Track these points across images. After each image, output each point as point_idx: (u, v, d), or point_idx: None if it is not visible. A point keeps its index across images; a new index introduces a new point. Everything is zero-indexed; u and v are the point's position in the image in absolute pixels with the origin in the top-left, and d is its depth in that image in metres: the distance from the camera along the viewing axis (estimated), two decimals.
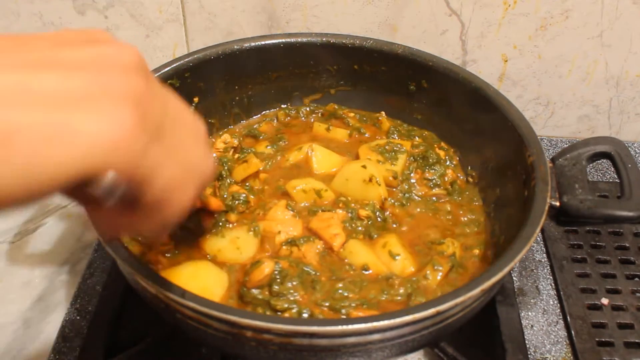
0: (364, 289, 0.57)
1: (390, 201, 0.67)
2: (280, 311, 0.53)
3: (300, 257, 0.59)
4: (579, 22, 0.83)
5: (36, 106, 0.27)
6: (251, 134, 0.78)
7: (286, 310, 0.53)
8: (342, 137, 0.76)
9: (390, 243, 0.61)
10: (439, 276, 0.59)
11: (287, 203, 0.64)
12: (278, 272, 0.56)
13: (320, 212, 0.64)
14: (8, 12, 0.86)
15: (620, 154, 0.61)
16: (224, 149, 0.72)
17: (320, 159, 0.71)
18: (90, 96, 0.29)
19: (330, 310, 0.55)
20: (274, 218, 0.63)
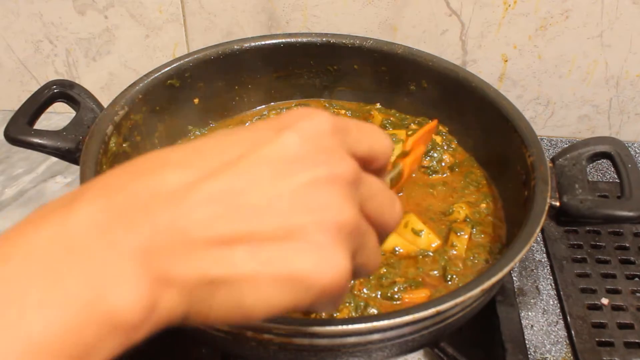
0: (402, 268, 0.59)
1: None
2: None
3: None
4: (579, 22, 0.83)
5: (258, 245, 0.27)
6: None
7: (344, 305, 0.54)
8: None
9: (412, 221, 0.63)
10: (465, 241, 0.62)
11: None
12: None
13: None
14: (8, 12, 0.86)
15: (620, 154, 0.61)
16: None
17: None
18: (305, 233, 0.27)
19: (383, 299, 0.56)
20: None
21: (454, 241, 0.62)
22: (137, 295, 0.25)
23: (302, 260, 0.27)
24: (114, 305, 0.24)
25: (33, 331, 0.23)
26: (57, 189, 0.84)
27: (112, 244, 0.25)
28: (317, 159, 0.29)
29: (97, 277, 0.24)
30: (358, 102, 0.81)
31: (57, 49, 0.90)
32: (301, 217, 0.27)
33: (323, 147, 0.29)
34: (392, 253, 0.61)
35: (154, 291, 0.25)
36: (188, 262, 0.26)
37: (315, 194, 0.28)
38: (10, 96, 0.95)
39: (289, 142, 0.29)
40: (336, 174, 0.29)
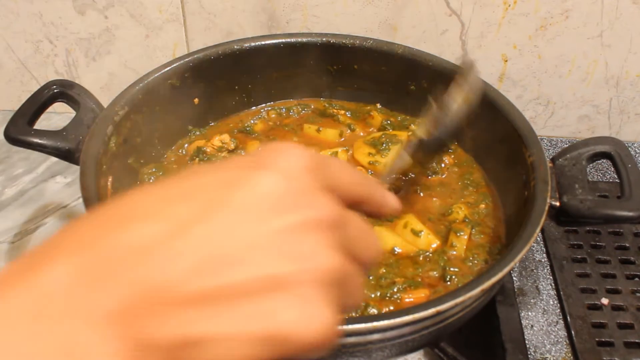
0: (401, 268, 0.59)
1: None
2: None
3: None
4: (579, 22, 0.83)
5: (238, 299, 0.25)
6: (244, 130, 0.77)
7: None
8: (333, 137, 0.76)
9: (411, 222, 0.63)
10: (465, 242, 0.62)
11: None
12: None
13: None
14: (8, 12, 0.86)
15: (620, 154, 0.61)
16: (218, 147, 0.72)
17: None
18: (287, 285, 0.25)
19: (382, 299, 0.56)
20: None
21: (453, 241, 0.62)
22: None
23: (285, 316, 0.25)
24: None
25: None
26: (57, 189, 0.84)
27: (85, 310, 0.23)
28: (297, 201, 0.27)
29: (68, 346, 0.22)
30: (358, 102, 0.81)
31: (57, 49, 0.90)
32: (282, 266, 0.25)
33: (303, 188, 0.27)
34: (391, 253, 0.61)
35: (133, 357, 0.24)
36: (168, 323, 0.24)
37: (297, 241, 0.26)
38: (10, 96, 0.95)
39: (265, 183, 0.26)
40: (318, 217, 0.27)
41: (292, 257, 0.25)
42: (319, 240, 0.26)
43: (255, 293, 0.25)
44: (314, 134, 0.77)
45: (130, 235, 0.25)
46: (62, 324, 0.23)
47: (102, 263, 0.24)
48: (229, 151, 0.72)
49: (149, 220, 0.25)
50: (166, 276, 0.24)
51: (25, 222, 0.79)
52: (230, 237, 0.25)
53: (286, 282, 0.25)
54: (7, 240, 0.77)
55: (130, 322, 0.24)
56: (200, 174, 0.28)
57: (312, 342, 0.26)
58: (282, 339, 0.25)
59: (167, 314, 0.24)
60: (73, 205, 0.82)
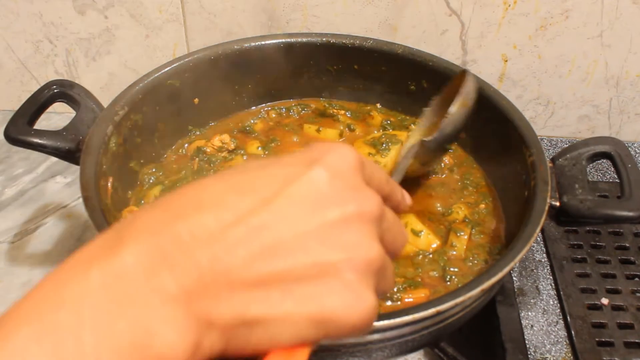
0: (401, 268, 0.59)
1: None
2: None
3: None
4: (579, 22, 0.83)
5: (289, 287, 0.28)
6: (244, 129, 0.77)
7: None
8: (333, 137, 0.76)
9: (411, 222, 0.63)
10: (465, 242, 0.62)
11: None
12: None
13: None
14: (8, 12, 0.86)
15: (620, 154, 0.61)
16: (218, 147, 0.71)
17: None
18: (336, 271, 0.28)
19: (382, 299, 0.56)
20: None
21: (453, 241, 0.62)
22: (183, 338, 0.26)
23: (334, 300, 0.28)
24: (162, 348, 0.25)
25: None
26: (57, 189, 0.84)
27: (158, 288, 0.26)
28: (346, 195, 0.30)
29: (145, 321, 0.25)
30: (358, 102, 0.81)
31: (57, 49, 0.90)
32: (332, 254, 0.28)
33: (350, 183, 0.30)
34: None
35: (197, 333, 0.26)
36: (228, 304, 0.27)
37: (345, 232, 0.29)
38: (10, 96, 0.95)
39: (318, 178, 0.29)
40: (364, 211, 0.30)
41: (340, 246, 0.28)
42: (363, 232, 0.29)
43: (306, 278, 0.28)
44: (313, 134, 0.77)
45: (195, 222, 0.27)
46: (141, 301, 0.25)
47: (171, 248, 0.26)
48: (229, 151, 0.72)
49: (212, 209, 0.28)
50: (228, 261, 0.27)
51: (25, 222, 0.79)
52: (286, 227, 0.28)
53: (334, 269, 0.28)
54: (7, 240, 0.77)
55: (198, 301, 0.26)
56: (258, 168, 0.30)
57: (356, 324, 0.29)
58: (330, 320, 0.28)
59: (229, 295, 0.27)
60: (73, 205, 0.82)
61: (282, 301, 0.28)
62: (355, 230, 0.29)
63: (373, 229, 0.30)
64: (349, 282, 0.28)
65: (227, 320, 0.27)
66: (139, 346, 0.25)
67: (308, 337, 0.29)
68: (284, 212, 0.28)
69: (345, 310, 0.28)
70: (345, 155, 0.31)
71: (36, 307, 0.25)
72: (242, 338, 0.28)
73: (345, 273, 0.28)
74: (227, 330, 0.27)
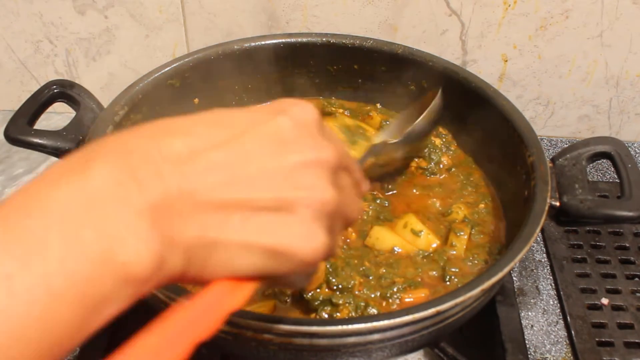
0: (401, 268, 0.59)
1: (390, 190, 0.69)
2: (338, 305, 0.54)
3: None
4: (579, 22, 0.83)
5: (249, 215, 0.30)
6: None
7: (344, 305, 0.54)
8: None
9: (411, 222, 0.63)
10: (464, 242, 0.62)
11: None
12: (330, 266, 0.56)
13: None
14: (8, 12, 0.86)
15: (620, 154, 0.61)
16: None
17: None
18: (293, 208, 0.31)
19: (382, 299, 0.56)
20: None
21: (453, 241, 0.62)
22: (149, 251, 0.27)
23: (289, 234, 0.31)
24: (128, 259, 0.26)
25: (54, 283, 0.24)
26: None
27: (126, 201, 0.27)
28: (307, 143, 0.32)
29: (113, 232, 0.26)
30: (358, 102, 0.81)
31: (57, 49, 0.90)
32: (291, 192, 0.31)
33: (311, 134, 0.33)
34: (391, 253, 0.61)
35: (162, 249, 0.28)
36: (191, 224, 0.29)
37: (304, 175, 0.31)
38: (10, 96, 0.95)
39: (283, 124, 0.32)
40: (321, 159, 0.32)
41: (298, 186, 0.31)
42: (319, 176, 0.32)
43: (265, 210, 0.30)
44: None
45: (166, 145, 0.29)
46: (109, 212, 0.26)
47: (141, 165, 0.28)
48: None
49: (184, 136, 0.30)
50: (195, 183, 0.29)
51: None
52: (253, 162, 0.30)
53: (291, 206, 0.31)
54: None
55: (161, 219, 0.28)
56: (228, 111, 0.33)
57: (306, 258, 0.31)
58: (283, 253, 0.31)
59: (191, 215, 0.29)
60: None
61: (240, 228, 0.30)
62: (313, 174, 0.32)
63: (329, 176, 0.33)
64: (303, 219, 0.31)
65: (189, 239, 0.29)
66: (105, 255, 0.26)
67: (260, 267, 0.31)
68: (250, 149, 0.31)
69: (298, 244, 0.31)
70: (308, 110, 0.34)
71: (4, 217, 0.25)
72: (201, 261, 0.30)
73: (301, 210, 0.31)
74: (188, 251, 0.29)
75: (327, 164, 0.33)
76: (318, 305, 0.54)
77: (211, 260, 0.30)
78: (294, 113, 0.33)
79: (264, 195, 0.30)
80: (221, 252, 0.30)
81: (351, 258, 0.60)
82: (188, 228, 0.29)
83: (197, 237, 0.29)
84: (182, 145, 0.29)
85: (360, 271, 0.58)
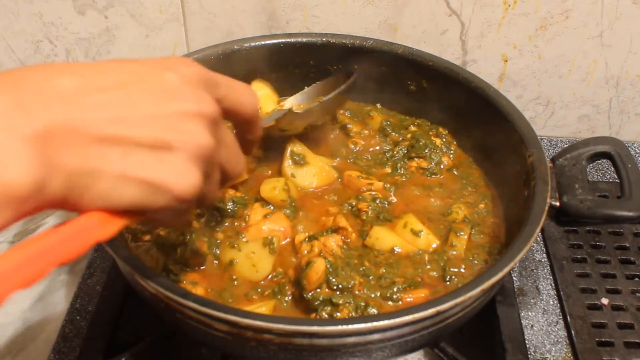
0: (401, 268, 0.59)
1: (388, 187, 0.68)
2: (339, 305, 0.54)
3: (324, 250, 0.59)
4: (579, 22, 0.83)
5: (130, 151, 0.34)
6: None
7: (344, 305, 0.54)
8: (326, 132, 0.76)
9: (411, 222, 0.63)
10: (464, 242, 0.62)
11: (262, 203, 0.65)
12: (330, 266, 0.56)
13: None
14: (8, 12, 0.86)
15: (620, 154, 0.61)
16: None
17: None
18: (171, 148, 0.35)
19: (382, 299, 0.56)
20: (257, 222, 0.63)
21: (453, 241, 0.62)
22: (29, 173, 0.29)
23: (164, 170, 0.34)
24: (9, 179, 0.29)
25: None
26: None
27: (12, 128, 0.29)
28: (189, 96, 0.36)
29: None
30: (358, 102, 0.81)
31: (57, 49, 0.90)
32: (170, 135, 0.35)
33: (194, 89, 0.37)
34: (391, 253, 0.61)
35: (43, 173, 0.30)
36: (73, 153, 0.31)
37: (184, 121, 0.35)
38: None
39: (169, 78, 0.36)
40: (202, 111, 0.37)
41: (178, 131, 0.35)
42: (198, 125, 0.36)
43: (145, 148, 0.34)
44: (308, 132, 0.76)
45: (58, 83, 0.32)
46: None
47: (33, 96, 0.31)
48: None
49: (72, 77, 0.33)
50: (80, 117, 0.32)
51: (25, 222, 0.79)
52: (137, 105, 0.34)
53: (170, 146, 0.35)
54: (7, 240, 0.77)
55: (47, 145, 0.30)
56: (123, 61, 0.37)
57: (179, 194, 0.35)
58: (158, 187, 0.34)
59: (74, 145, 0.31)
60: None
61: (120, 161, 0.33)
62: (192, 122, 0.36)
63: (208, 126, 0.37)
64: (180, 158, 0.35)
65: (70, 167, 0.31)
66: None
67: (136, 200, 0.34)
68: (136, 94, 0.34)
69: (172, 179, 0.34)
70: (195, 70, 0.38)
71: None
72: (80, 189, 0.32)
73: (179, 151, 0.35)
74: (69, 178, 0.32)
75: (207, 116, 0.37)
76: (318, 305, 0.54)
77: (90, 190, 0.33)
78: (181, 70, 0.37)
79: (145, 133, 0.34)
80: (100, 182, 0.33)
81: (351, 258, 0.60)
82: (70, 157, 0.31)
83: (79, 166, 0.32)
84: (71, 83, 0.32)
85: (360, 271, 0.58)
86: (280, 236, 0.61)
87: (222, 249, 0.60)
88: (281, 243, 0.61)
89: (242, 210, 0.64)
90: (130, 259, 0.49)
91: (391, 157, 0.72)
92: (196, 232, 0.61)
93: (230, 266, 0.59)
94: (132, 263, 0.49)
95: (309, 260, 0.56)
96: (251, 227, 0.62)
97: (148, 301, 0.53)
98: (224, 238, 0.61)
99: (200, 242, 0.60)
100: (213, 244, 0.60)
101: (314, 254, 0.58)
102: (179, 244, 0.59)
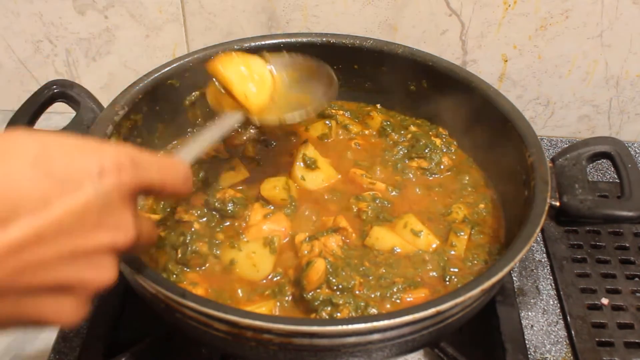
0: (401, 269, 0.59)
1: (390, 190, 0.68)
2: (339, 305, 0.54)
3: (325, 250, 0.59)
4: (579, 22, 0.83)
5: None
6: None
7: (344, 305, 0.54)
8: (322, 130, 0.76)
9: (411, 222, 0.63)
10: (464, 242, 0.62)
11: (262, 203, 0.65)
12: (330, 266, 0.56)
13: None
14: (8, 12, 0.86)
15: (620, 154, 0.61)
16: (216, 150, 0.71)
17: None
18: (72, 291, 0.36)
19: (382, 299, 0.56)
20: (257, 222, 0.63)
21: (453, 241, 0.62)
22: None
23: (55, 310, 0.36)
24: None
25: None
26: None
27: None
28: (103, 226, 0.36)
29: None
30: (358, 102, 0.81)
31: (57, 49, 0.90)
32: (74, 279, 0.36)
33: (112, 212, 0.36)
34: (391, 253, 0.61)
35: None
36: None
37: (89, 259, 0.36)
38: (10, 96, 0.95)
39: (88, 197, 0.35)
40: (115, 242, 0.37)
41: (84, 272, 0.36)
42: (108, 259, 0.38)
43: (45, 290, 0.35)
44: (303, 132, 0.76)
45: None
46: None
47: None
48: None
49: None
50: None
51: None
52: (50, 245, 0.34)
53: (71, 290, 0.36)
54: None
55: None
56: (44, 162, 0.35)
57: (64, 326, 0.40)
58: (44, 323, 0.36)
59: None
60: None
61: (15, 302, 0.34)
62: (102, 259, 0.37)
63: (117, 257, 0.38)
64: (76, 300, 0.37)
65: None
66: None
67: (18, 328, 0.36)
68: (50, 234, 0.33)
69: (55, 319, 0.36)
70: (119, 161, 0.37)
71: None
72: None
73: (76, 294, 0.37)
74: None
75: (119, 247, 0.38)
76: (318, 305, 0.54)
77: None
78: (102, 187, 0.35)
79: (48, 279, 0.34)
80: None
81: (351, 258, 0.60)
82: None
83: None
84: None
85: (360, 271, 0.58)
86: (281, 236, 0.62)
87: (222, 249, 0.60)
88: (282, 242, 0.61)
89: (242, 210, 0.64)
90: (130, 259, 0.49)
91: (391, 157, 0.72)
92: (196, 232, 0.61)
93: (230, 266, 0.59)
94: (132, 263, 0.49)
95: (309, 260, 0.56)
96: (251, 227, 0.62)
97: (148, 301, 0.53)
98: (225, 238, 0.61)
99: (201, 242, 0.60)
100: (213, 244, 0.60)
101: (314, 254, 0.58)
102: (179, 244, 0.59)
